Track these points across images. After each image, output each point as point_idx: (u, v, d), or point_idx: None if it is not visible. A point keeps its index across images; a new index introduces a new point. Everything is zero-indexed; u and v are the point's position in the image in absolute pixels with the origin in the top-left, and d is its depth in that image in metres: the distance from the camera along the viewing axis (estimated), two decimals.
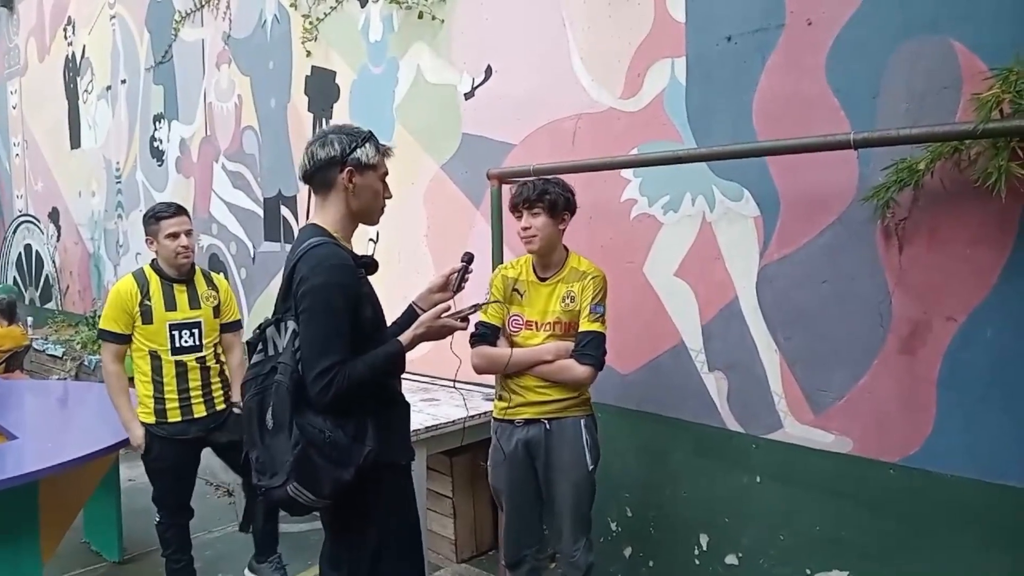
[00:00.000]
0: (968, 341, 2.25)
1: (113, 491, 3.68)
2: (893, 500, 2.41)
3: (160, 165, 6.51)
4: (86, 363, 6.41)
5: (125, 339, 2.95)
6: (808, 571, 2.62)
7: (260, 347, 1.91)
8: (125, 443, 3.09)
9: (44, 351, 7.10)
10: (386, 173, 2.02)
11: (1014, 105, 1.95)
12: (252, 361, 1.92)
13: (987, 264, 2.20)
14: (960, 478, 2.28)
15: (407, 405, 2.08)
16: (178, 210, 3.01)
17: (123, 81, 6.99)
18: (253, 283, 5.47)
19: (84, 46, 7.66)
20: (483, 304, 2.08)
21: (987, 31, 2.16)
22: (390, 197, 2.05)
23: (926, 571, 2.36)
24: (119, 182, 7.16)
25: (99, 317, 3.44)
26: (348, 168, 1.91)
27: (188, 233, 2.99)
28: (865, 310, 2.45)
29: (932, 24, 2.26)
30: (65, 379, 6.30)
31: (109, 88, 7.24)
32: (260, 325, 1.93)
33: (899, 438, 2.40)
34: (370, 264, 2.00)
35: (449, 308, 2.01)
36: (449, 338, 2.08)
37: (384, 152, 1.99)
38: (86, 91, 7.69)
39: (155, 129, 6.55)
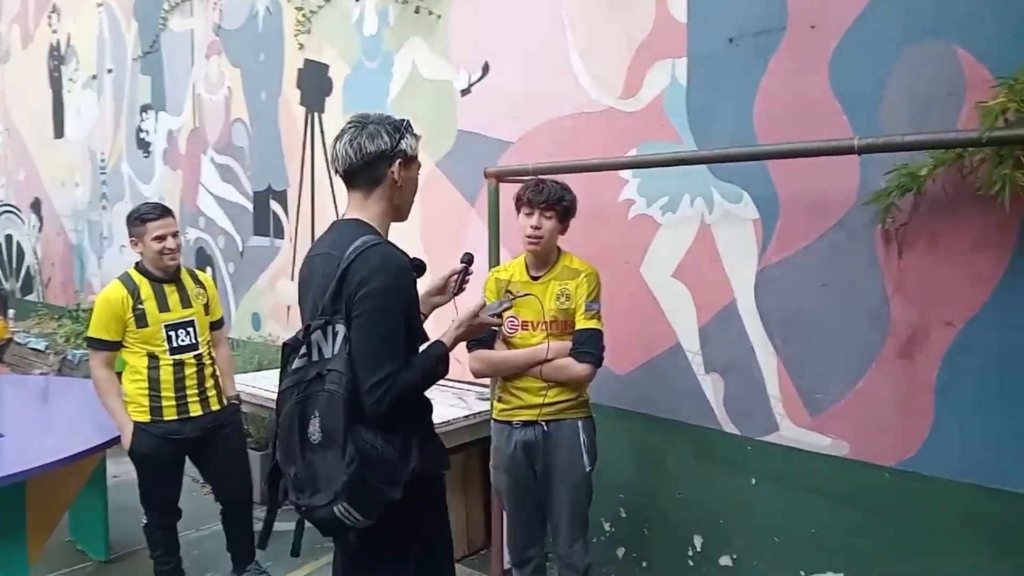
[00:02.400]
0: (966, 347, 2.26)
1: (100, 488, 3.61)
2: (889, 503, 2.43)
3: (147, 157, 6.42)
4: (70, 357, 6.31)
5: (116, 346, 2.91)
6: (802, 573, 2.63)
7: (304, 351, 1.70)
8: (114, 441, 3.04)
9: (26, 345, 6.97)
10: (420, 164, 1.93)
11: (1019, 114, 1.96)
12: (293, 367, 1.71)
13: (986, 271, 2.21)
14: (956, 482, 2.29)
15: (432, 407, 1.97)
16: (164, 211, 2.96)
17: (109, 70, 6.89)
18: (241, 277, 5.41)
19: (69, 34, 7.54)
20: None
21: (991, 39, 2.16)
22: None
23: (920, 574, 2.37)
24: (104, 173, 7.06)
25: (83, 311, 3.39)
26: (398, 160, 1.79)
27: (175, 235, 2.95)
28: (863, 314, 2.45)
29: (936, 30, 2.27)
30: (48, 374, 6.20)
31: (95, 77, 7.13)
32: (306, 327, 1.73)
33: (896, 442, 2.41)
34: (421, 267, 1.88)
35: (485, 306, 1.95)
36: None
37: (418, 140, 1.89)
38: (71, 80, 7.57)
39: (142, 120, 6.46)
